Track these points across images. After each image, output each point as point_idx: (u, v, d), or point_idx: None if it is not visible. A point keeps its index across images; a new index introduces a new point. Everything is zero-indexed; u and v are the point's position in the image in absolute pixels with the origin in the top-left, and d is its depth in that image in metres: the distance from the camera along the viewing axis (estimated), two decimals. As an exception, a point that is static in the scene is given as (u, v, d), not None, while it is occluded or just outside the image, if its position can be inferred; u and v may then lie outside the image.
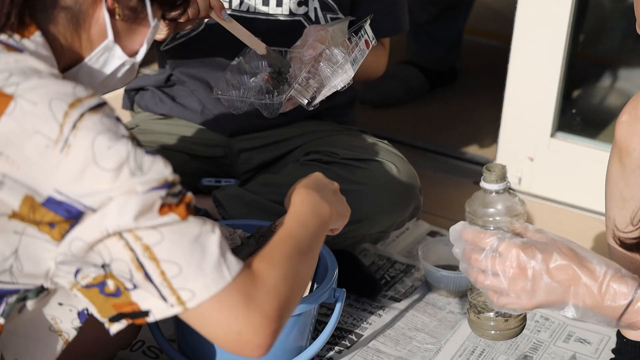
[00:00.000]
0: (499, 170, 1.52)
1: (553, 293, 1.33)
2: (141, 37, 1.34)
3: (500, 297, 1.37)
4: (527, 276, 1.34)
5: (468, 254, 1.39)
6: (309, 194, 1.43)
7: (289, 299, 1.23)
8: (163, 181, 1.16)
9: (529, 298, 1.35)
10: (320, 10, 2.00)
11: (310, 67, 1.82)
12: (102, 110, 1.17)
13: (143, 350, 1.82)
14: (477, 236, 1.39)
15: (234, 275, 1.18)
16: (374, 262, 2.16)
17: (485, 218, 1.53)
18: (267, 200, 1.97)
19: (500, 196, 1.53)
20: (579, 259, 1.34)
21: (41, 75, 1.17)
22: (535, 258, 1.34)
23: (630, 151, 1.53)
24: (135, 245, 1.16)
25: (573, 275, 1.33)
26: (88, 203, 1.14)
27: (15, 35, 1.22)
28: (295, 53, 1.86)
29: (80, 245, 1.16)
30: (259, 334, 1.19)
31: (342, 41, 1.83)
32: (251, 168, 2.12)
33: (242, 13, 1.97)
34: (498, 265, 1.35)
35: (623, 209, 1.54)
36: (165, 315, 1.19)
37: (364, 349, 1.87)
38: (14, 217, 1.16)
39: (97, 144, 1.14)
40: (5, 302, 1.22)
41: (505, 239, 1.36)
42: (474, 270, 1.38)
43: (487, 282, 1.37)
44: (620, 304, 1.32)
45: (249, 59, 1.88)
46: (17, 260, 1.18)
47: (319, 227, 1.39)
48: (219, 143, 2.10)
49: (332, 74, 1.80)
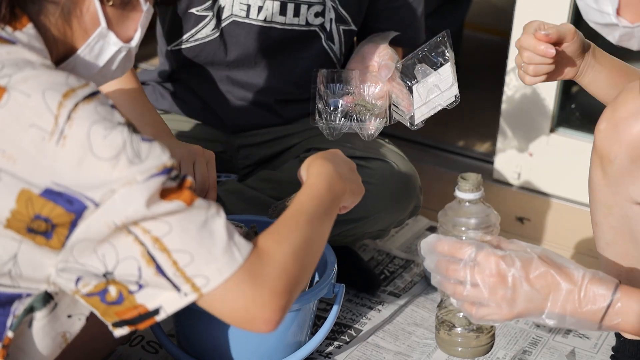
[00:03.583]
0: (474, 179, 1.52)
1: (533, 300, 1.32)
2: (134, 22, 1.32)
3: (479, 308, 1.34)
4: (507, 284, 1.32)
5: (444, 265, 1.35)
6: (326, 166, 1.42)
7: (298, 273, 1.24)
8: (162, 167, 1.16)
9: (509, 307, 1.32)
10: (335, 22, 2.01)
11: (391, 86, 1.86)
12: (96, 99, 1.17)
13: (142, 345, 1.82)
14: (454, 247, 1.35)
15: (245, 257, 1.19)
16: (373, 257, 2.16)
17: (459, 227, 1.52)
18: (267, 196, 1.97)
19: (474, 206, 1.53)
20: (556, 265, 1.33)
21: (34, 66, 1.17)
22: (514, 266, 1.32)
23: (612, 159, 1.52)
24: (144, 239, 1.15)
25: (552, 281, 1.32)
26: (90, 195, 1.13)
27: (8, 28, 1.22)
28: (357, 71, 1.90)
29: (84, 247, 1.15)
30: (267, 309, 1.19)
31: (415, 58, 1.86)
32: (251, 163, 2.12)
33: (259, 22, 1.97)
34: (477, 275, 1.33)
35: (609, 215, 1.52)
36: (179, 306, 1.19)
37: (363, 344, 1.87)
38: (9, 227, 1.15)
39: (92, 134, 1.14)
40: (13, 315, 1.21)
41: (484, 248, 1.34)
42: (451, 282, 1.35)
43: (466, 293, 1.34)
44: (601, 307, 1.31)
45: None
46: (15, 265, 1.18)
47: (332, 201, 1.39)
48: (219, 139, 2.10)
49: (442, 94, 1.81)
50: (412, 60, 1.86)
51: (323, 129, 1.88)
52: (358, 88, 1.89)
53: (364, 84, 1.89)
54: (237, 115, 2.07)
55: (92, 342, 1.57)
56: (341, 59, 2.06)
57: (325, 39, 2.02)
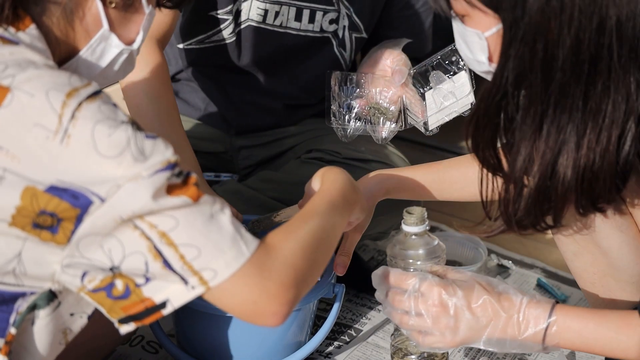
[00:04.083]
0: (418, 213, 1.60)
1: (475, 328, 1.37)
2: (137, 25, 1.33)
3: (425, 336, 1.40)
4: (449, 313, 1.38)
5: (391, 296, 1.43)
6: (341, 175, 1.46)
7: (306, 270, 1.24)
8: (166, 163, 1.16)
9: (452, 335, 1.38)
10: (347, 29, 2.01)
11: (404, 92, 1.87)
12: (100, 97, 1.17)
13: (142, 345, 1.83)
14: (399, 278, 1.43)
15: (253, 250, 1.19)
16: (373, 257, 2.17)
17: (407, 260, 1.58)
18: (267, 197, 1.97)
19: (420, 239, 1.60)
20: (497, 292, 1.38)
21: (37, 67, 1.17)
22: (456, 295, 1.38)
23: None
24: (151, 233, 1.15)
25: (492, 308, 1.37)
26: (96, 190, 1.13)
27: (11, 28, 1.22)
28: (370, 74, 1.91)
29: (90, 242, 1.15)
30: (275, 302, 1.19)
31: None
32: (251, 164, 2.12)
33: (274, 27, 1.97)
34: (421, 305, 1.39)
35: (569, 228, 1.52)
36: (186, 299, 1.19)
37: (363, 344, 1.87)
38: (14, 224, 1.15)
39: (97, 133, 1.14)
40: (16, 311, 1.21)
41: (427, 279, 1.40)
42: (398, 312, 1.42)
43: (411, 323, 1.41)
44: (540, 329, 1.35)
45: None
46: (20, 263, 1.18)
47: (344, 207, 1.40)
48: (220, 139, 2.10)
49: (457, 101, 1.82)
50: (426, 67, 1.87)
51: (337, 130, 1.89)
52: (371, 92, 1.89)
53: (376, 88, 1.89)
54: (243, 118, 2.08)
55: (92, 341, 1.57)
56: (350, 67, 2.07)
57: (337, 46, 2.03)
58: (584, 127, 1.26)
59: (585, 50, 1.23)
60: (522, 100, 1.28)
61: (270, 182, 2.00)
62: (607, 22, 1.22)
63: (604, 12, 1.22)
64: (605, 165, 1.28)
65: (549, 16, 1.22)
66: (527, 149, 1.29)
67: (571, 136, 1.27)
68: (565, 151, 1.28)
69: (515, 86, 1.27)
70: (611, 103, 1.25)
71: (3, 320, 1.21)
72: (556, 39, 1.23)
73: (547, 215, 1.35)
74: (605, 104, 1.26)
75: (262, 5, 1.95)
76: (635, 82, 1.25)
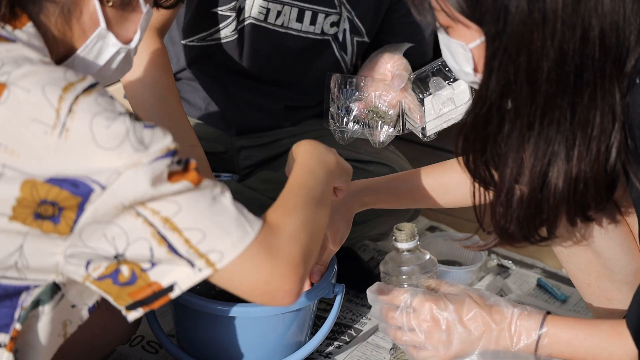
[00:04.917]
0: (408, 229, 1.62)
1: (468, 341, 1.39)
2: (134, 24, 1.33)
3: (419, 351, 1.42)
4: (441, 328, 1.39)
5: (385, 312, 1.44)
6: (312, 144, 1.47)
7: (309, 244, 1.24)
8: (166, 150, 1.16)
9: (446, 349, 1.40)
10: (349, 32, 2.01)
11: (403, 96, 1.88)
12: (96, 90, 1.17)
13: (142, 345, 1.83)
14: (392, 294, 1.44)
15: (257, 230, 1.19)
16: (373, 257, 2.17)
17: (400, 277, 1.60)
18: (266, 197, 1.97)
19: (412, 254, 1.62)
20: (489, 305, 1.39)
21: (32, 63, 1.17)
22: (447, 309, 1.39)
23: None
24: (154, 220, 1.15)
25: (484, 321, 1.38)
26: (96, 178, 1.13)
27: (7, 26, 1.22)
28: (369, 77, 1.91)
29: (92, 231, 1.15)
30: (286, 280, 1.20)
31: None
32: (251, 164, 2.12)
33: (275, 27, 1.97)
34: (413, 320, 1.41)
35: (562, 234, 1.52)
36: (194, 282, 1.18)
37: (363, 344, 1.87)
38: (15, 218, 1.15)
39: (95, 125, 1.14)
40: (21, 307, 1.21)
41: (418, 294, 1.42)
42: (392, 328, 1.44)
43: (405, 338, 1.42)
44: (532, 340, 1.36)
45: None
46: (21, 256, 1.18)
47: (326, 174, 1.41)
48: (220, 139, 2.10)
49: (456, 108, 1.82)
50: (426, 73, 1.87)
51: (335, 133, 1.89)
52: (370, 95, 1.90)
53: (376, 91, 1.90)
54: (244, 118, 2.08)
55: (92, 340, 1.57)
56: (351, 70, 2.07)
57: (338, 48, 2.03)
58: (573, 138, 1.26)
59: (570, 62, 1.23)
60: (510, 111, 1.28)
61: (270, 183, 2.00)
62: (590, 32, 1.22)
63: (586, 22, 1.22)
64: (596, 175, 1.28)
65: (532, 28, 1.22)
66: (516, 161, 1.29)
67: (561, 147, 1.27)
68: (555, 162, 1.28)
69: (500, 98, 1.27)
70: (599, 113, 1.25)
71: (7, 316, 1.21)
72: (540, 51, 1.23)
73: (540, 228, 1.36)
74: (592, 115, 1.26)
75: (265, 3, 1.95)
76: (620, 92, 1.25)
